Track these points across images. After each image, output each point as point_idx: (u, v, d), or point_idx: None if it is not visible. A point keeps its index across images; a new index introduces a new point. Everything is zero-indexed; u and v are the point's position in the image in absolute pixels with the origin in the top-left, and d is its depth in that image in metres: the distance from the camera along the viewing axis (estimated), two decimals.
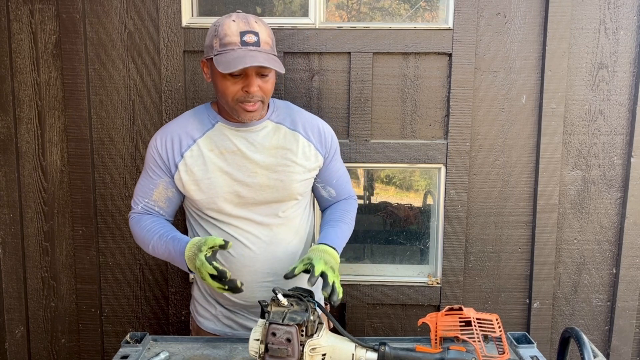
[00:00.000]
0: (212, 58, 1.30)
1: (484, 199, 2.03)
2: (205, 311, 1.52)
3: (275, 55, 1.33)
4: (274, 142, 1.41)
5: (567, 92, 1.96)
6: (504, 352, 1.23)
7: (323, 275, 1.25)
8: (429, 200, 2.13)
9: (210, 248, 1.25)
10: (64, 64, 1.95)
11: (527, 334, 1.35)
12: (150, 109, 2.00)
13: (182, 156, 1.38)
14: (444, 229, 2.04)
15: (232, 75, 1.28)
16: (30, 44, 1.96)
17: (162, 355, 1.25)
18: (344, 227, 1.50)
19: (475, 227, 2.04)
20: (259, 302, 1.21)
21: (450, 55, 1.95)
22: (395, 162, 2.01)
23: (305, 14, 1.98)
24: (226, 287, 1.22)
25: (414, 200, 2.15)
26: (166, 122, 1.97)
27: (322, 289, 1.23)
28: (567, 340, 1.20)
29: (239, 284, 1.21)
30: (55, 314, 2.14)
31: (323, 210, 1.62)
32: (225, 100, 1.33)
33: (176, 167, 1.38)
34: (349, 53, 1.95)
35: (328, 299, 1.23)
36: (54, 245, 2.09)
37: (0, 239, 2.08)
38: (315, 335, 1.13)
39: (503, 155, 2.01)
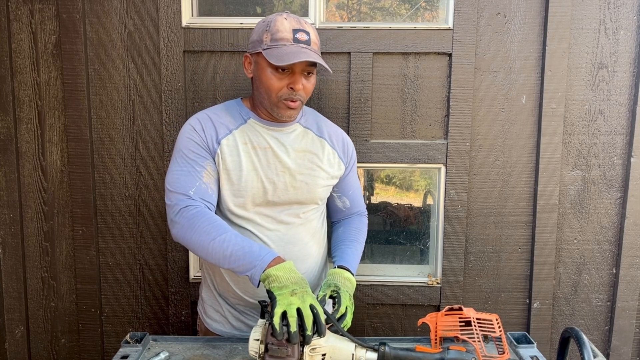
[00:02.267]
0: (259, 52, 1.32)
1: (484, 199, 2.03)
2: (215, 313, 1.51)
3: (320, 55, 1.36)
4: (303, 145, 1.44)
5: (567, 92, 1.96)
6: (504, 352, 1.23)
7: (344, 313, 1.30)
8: (429, 200, 2.13)
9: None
10: (64, 64, 1.95)
11: (527, 334, 1.35)
12: (150, 109, 2.00)
13: (219, 143, 1.37)
14: (444, 229, 2.04)
15: (279, 70, 1.30)
16: (30, 44, 1.96)
17: (162, 355, 1.25)
18: (359, 247, 1.56)
19: (475, 227, 2.04)
20: (259, 302, 1.21)
21: (450, 55, 1.95)
22: (395, 162, 2.01)
23: (305, 13, 1.98)
24: (286, 331, 1.08)
25: (414, 200, 2.14)
26: (166, 122, 1.98)
27: (336, 320, 1.26)
28: (567, 340, 1.20)
29: (294, 341, 1.08)
30: (55, 314, 2.14)
31: (334, 221, 1.66)
32: (269, 95, 1.34)
33: (215, 151, 1.37)
34: (349, 53, 1.95)
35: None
36: (54, 245, 2.09)
37: (0, 239, 2.08)
38: (315, 335, 1.13)
39: (503, 155, 2.01)
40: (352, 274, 1.41)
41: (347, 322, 1.28)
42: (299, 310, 1.10)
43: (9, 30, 1.95)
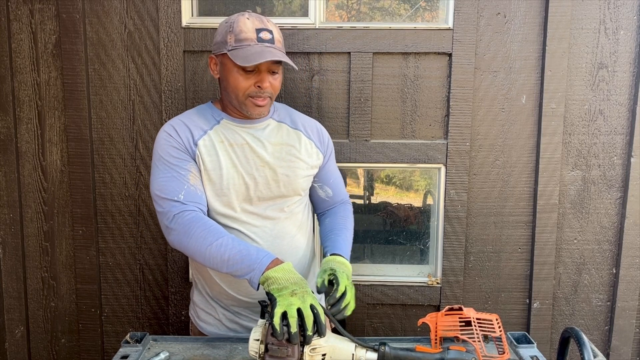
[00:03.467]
0: (224, 53, 1.33)
1: (484, 199, 2.03)
2: (208, 316, 1.51)
3: (285, 53, 1.38)
4: (279, 138, 1.45)
5: (567, 92, 1.96)
6: (504, 352, 1.23)
7: (345, 292, 1.26)
8: (429, 200, 2.13)
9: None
10: (64, 64, 1.95)
11: (527, 334, 1.35)
12: (150, 109, 2.00)
13: (196, 144, 1.37)
14: (444, 229, 2.04)
15: (245, 70, 1.32)
16: (30, 44, 1.96)
17: (162, 355, 1.25)
18: (348, 234, 1.55)
19: (475, 227, 2.04)
20: (259, 302, 1.20)
21: (450, 55, 1.95)
22: (395, 162, 2.01)
23: (305, 13, 1.98)
24: (287, 332, 1.08)
25: (414, 200, 2.14)
26: (166, 122, 1.97)
27: (337, 303, 1.23)
28: (567, 340, 1.20)
29: (294, 342, 1.08)
30: (55, 314, 2.14)
31: (320, 213, 1.65)
32: (236, 94, 1.35)
33: (194, 153, 1.37)
34: (349, 53, 1.95)
35: (332, 306, 1.23)
36: (54, 245, 2.09)
37: (0, 239, 2.08)
38: (315, 335, 1.13)
39: (503, 155, 2.01)
40: (346, 260, 1.40)
41: (348, 300, 1.25)
42: (299, 311, 1.10)
43: (9, 30, 1.95)
